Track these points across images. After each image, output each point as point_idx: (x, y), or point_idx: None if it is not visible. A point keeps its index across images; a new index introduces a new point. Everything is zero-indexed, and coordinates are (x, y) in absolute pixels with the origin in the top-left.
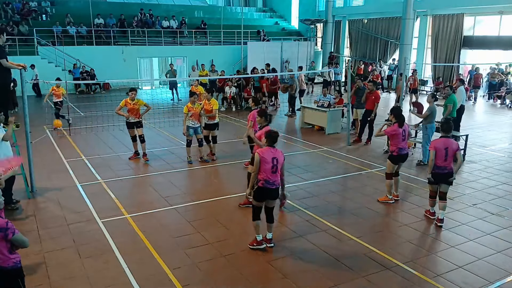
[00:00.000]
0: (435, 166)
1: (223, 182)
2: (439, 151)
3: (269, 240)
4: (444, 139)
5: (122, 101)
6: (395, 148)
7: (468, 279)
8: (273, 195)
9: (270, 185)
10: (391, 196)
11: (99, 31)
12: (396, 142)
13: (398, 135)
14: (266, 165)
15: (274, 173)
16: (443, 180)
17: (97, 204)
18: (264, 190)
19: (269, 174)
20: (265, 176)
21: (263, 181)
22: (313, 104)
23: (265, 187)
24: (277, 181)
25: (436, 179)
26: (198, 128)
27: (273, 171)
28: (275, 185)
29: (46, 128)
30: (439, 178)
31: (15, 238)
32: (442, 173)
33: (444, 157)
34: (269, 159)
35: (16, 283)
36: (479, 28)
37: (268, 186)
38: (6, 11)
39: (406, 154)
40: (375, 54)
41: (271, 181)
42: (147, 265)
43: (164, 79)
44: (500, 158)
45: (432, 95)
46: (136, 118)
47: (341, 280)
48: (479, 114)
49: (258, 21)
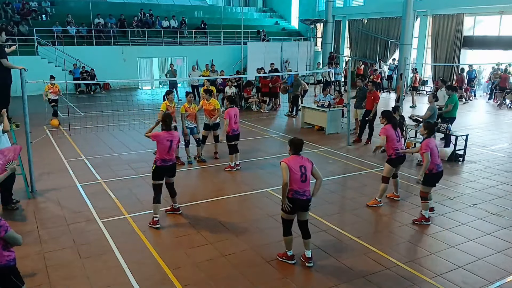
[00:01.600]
0: (437, 165)
1: (223, 182)
2: (434, 151)
3: (308, 259)
4: (433, 139)
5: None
6: (392, 151)
7: (468, 279)
8: (303, 206)
9: (301, 195)
10: (380, 199)
11: (99, 31)
12: (391, 144)
13: (391, 136)
14: (294, 175)
15: (304, 182)
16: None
17: (97, 204)
18: (294, 201)
19: (299, 184)
20: (295, 186)
21: (292, 191)
22: (313, 104)
23: (294, 197)
24: (308, 191)
25: (438, 178)
26: (194, 128)
27: (302, 180)
28: (305, 196)
29: (46, 128)
30: (439, 177)
31: (8, 235)
32: (441, 170)
33: (437, 155)
34: (296, 168)
35: (8, 280)
36: (479, 28)
37: (298, 196)
38: (6, 11)
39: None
40: (375, 54)
41: (301, 192)
42: (147, 265)
43: (164, 79)
44: (500, 158)
45: (433, 95)
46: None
47: (341, 280)
48: (479, 114)
49: (258, 21)
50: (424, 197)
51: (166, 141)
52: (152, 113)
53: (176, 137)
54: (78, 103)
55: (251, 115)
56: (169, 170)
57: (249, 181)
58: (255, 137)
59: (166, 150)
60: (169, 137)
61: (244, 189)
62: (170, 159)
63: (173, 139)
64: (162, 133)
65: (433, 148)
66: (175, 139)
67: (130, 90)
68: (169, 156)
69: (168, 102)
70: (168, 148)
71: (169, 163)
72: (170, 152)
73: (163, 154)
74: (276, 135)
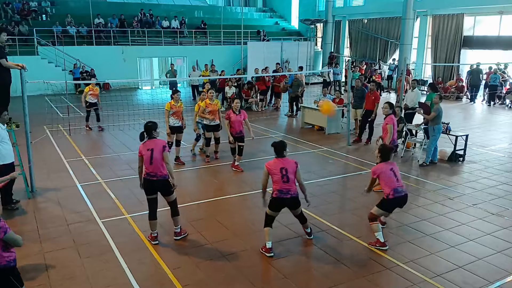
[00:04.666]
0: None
1: (223, 182)
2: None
3: (308, 233)
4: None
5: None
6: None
7: (468, 279)
8: (288, 204)
9: (284, 194)
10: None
11: (99, 31)
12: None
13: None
14: (275, 177)
15: (286, 182)
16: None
17: (97, 204)
18: (278, 200)
19: (281, 184)
20: (278, 186)
21: (276, 191)
22: (313, 104)
23: (278, 197)
24: (292, 190)
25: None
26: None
27: (284, 180)
28: (290, 194)
29: (46, 128)
30: (397, 203)
31: (7, 237)
32: (400, 196)
33: (395, 179)
34: (276, 170)
35: (8, 281)
36: (479, 28)
37: (282, 195)
38: (6, 11)
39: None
40: (375, 54)
41: (285, 191)
42: (147, 265)
43: (164, 79)
44: (500, 158)
45: (439, 96)
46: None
47: (341, 280)
48: (479, 114)
49: (258, 21)
50: (371, 218)
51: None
52: (152, 113)
53: (157, 145)
54: (78, 103)
55: (251, 115)
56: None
57: (249, 181)
58: (255, 137)
59: (148, 162)
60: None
61: (244, 189)
62: (152, 172)
63: (154, 148)
64: (140, 145)
65: (384, 171)
66: (156, 147)
67: (130, 90)
68: (151, 168)
69: (174, 101)
70: (149, 159)
71: (153, 178)
72: (153, 164)
73: (146, 167)
74: (276, 135)
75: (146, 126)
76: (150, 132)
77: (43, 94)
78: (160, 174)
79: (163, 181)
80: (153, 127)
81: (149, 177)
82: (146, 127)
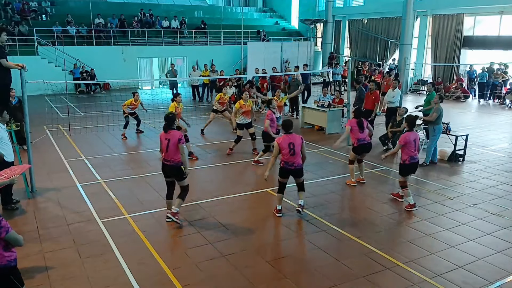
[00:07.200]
0: (411, 157)
1: (223, 182)
2: (410, 143)
3: (300, 206)
4: (413, 133)
5: (237, 104)
6: (355, 140)
7: (468, 279)
8: (293, 173)
9: (289, 165)
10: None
11: (99, 31)
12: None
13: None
14: (284, 151)
15: (292, 155)
16: (414, 169)
17: (97, 204)
18: (284, 169)
19: (288, 157)
20: (285, 158)
21: (283, 162)
22: (313, 104)
23: (284, 167)
24: (297, 162)
25: (411, 169)
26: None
27: (291, 154)
28: (294, 166)
29: (46, 128)
30: (413, 167)
31: (9, 236)
32: (414, 162)
33: (414, 149)
34: (285, 145)
35: (8, 281)
36: (479, 28)
37: (288, 166)
38: (6, 11)
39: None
40: (375, 54)
41: (290, 163)
42: (147, 265)
43: (164, 79)
44: (500, 158)
45: (439, 96)
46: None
47: (341, 280)
48: (479, 114)
49: (258, 21)
50: (402, 185)
51: (164, 139)
52: (152, 113)
53: (174, 136)
54: (78, 103)
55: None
56: (164, 169)
57: (249, 181)
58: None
59: (164, 149)
60: (167, 136)
61: (244, 189)
62: (167, 158)
63: (170, 138)
64: (162, 133)
65: (409, 141)
66: (173, 138)
67: (130, 90)
68: (167, 155)
69: (176, 103)
70: (166, 148)
71: (166, 162)
72: (169, 152)
73: (163, 153)
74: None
75: (167, 117)
76: (171, 123)
77: (43, 94)
78: (173, 160)
79: (175, 167)
80: (174, 118)
81: (165, 161)
82: (167, 118)
